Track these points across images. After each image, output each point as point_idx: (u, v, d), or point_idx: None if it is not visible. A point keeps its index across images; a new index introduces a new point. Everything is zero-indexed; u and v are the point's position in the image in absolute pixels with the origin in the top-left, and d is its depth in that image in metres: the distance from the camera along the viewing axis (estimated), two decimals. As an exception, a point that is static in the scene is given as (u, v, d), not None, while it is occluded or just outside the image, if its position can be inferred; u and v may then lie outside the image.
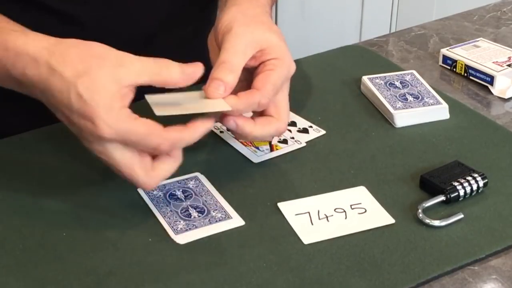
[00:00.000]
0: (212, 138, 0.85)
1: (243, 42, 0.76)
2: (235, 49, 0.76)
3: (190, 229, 0.72)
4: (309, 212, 0.75)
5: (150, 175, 0.71)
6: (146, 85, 0.70)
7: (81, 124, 0.69)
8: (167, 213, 0.74)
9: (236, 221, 0.73)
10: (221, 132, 0.86)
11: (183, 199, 0.76)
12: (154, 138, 0.69)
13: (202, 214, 0.74)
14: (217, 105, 0.72)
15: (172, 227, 0.72)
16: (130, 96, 0.70)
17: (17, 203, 0.76)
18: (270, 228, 0.73)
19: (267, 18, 0.81)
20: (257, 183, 0.79)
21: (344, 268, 0.68)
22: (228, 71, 0.74)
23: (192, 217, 0.73)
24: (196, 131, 0.71)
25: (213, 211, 0.74)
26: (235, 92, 0.74)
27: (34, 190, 0.78)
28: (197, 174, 0.79)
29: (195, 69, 0.71)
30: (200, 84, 0.74)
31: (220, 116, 0.74)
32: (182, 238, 0.71)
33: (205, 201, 0.76)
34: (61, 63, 0.70)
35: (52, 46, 0.71)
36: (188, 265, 0.69)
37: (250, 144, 0.84)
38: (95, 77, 0.68)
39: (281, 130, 0.78)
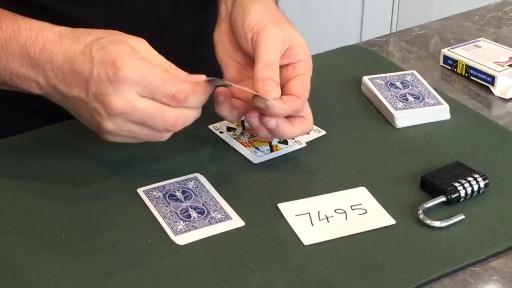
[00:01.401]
0: (212, 138, 0.85)
1: (279, 42, 0.78)
2: (275, 50, 0.77)
3: (190, 230, 0.72)
4: (309, 213, 0.74)
5: (176, 110, 0.71)
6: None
7: (101, 74, 0.70)
8: (167, 213, 0.74)
9: (236, 222, 0.73)
10: (221, 132, 0.86)
11: (183, 199, 0.76)
12: (174, 84, 0.70)
13: (202, 214, 0.74)
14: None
15: (172, 228, 0.72)
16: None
17: (17, 204, 0.76)
18: (270, 229, 0.73)
19: (286, 16, 0.83)
20: (257, 184, 0.78)
21: (344, 269, 0.68)
22: (276, 72, 0.76)
23: (192, 218, 0.73)
24: (205, 91, 0.72)
25: (213, 212, 0.74)
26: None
27: (33, 191, 0.77)
28: (197, 174, 0.79)
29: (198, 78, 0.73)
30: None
31: (259, 115, 0.76)
32: (182, 239, 0.71)
33: (205, 201, 0.75)
34: (85, 33, 0.73)
35: (77, 28, 0.74)
36: (188, 266, 0.68)
37: (250, 145, 0.84)
38: (116, 38, 0.72)
39: (310, 128, 0.80)
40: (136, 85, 0.69)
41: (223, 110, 0.78)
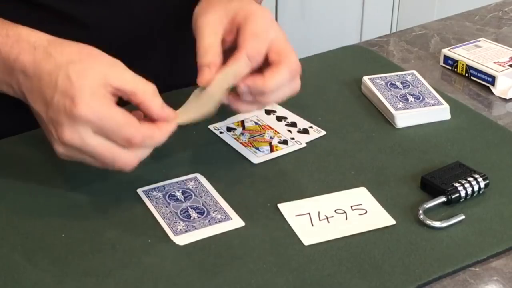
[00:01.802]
0: (212, 139, 0.84)
1: (210, 24, 0.78)
2: (203, 34, 0.77)
3: (189, 230, 0.72)
4: (309, 213, 0.74)
5: (128, 152, 0.71)
6: (127, 95, 0.71)
7: (60, 104, 0.69)
8: (167, 214, 0.74)
9: (236, 222, 0.73)
10: (221, 133, 0.86)
11: (183, 200, 0.75)
12: (130, 129, 0.70)
13: (202, 215, 0.74)
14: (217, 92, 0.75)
15: (172, 228, 0.72)
16: (113, 97, 0.71)
17: (16, 204, 0.76)
18: (270, 229, 0.72)
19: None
20: (257, 184, 0.78)
21: (344, 270, 0.68)
22: (202, 54, 0.76)
23: (192, 218, 0.73)
24: (164, 133, 0.72)
25: (213, 212, 0.74)
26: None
27: (33, 191, 0.77)
28: (197, 175, 0.79)
29: (172, 115, 0.73)
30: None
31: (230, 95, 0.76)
32: (182, 239, 0.71)
33: (205, 202, 0.75)
34: (58, 51, 0.72)
35: (53, 39, 0.74)
36: (188, 267, 0.68)
37: (250, 145, 0.84)
38: (86, 66, 0.71)
39: (295, 68, 0.77)
40: (91, 124, 0.69)
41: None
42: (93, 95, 0.69)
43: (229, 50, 0.77)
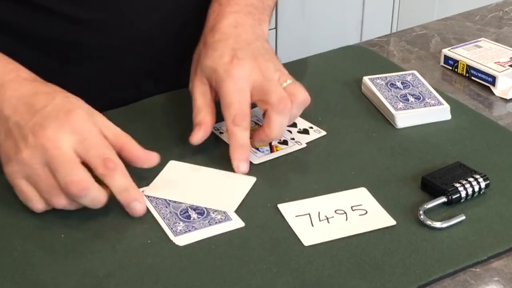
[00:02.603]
0: (211, 139, 0.84)
1: (197, 87, 0.83)
2: (194, 94, 0.83)
3: (189, 230, 0.72)
4: (309, 214, 0.74)
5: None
6: (109, 140, 0.73)
7: (53, 110, 0.72)
8: (166, 214, 0.73)
9: (236, 222, 0.73)
10: (220, 133, 0.86)
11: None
12: (110, 150, 0.72)
13: (202, 215, 0.73)
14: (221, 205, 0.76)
15: (172, 228, 0.72)
16: None
17: (15, 204, 0.75)
18: (270, 230, 0.72)
19: (218, 37, 0.84)
20: (257, 184, 0.78)
21: (344, 270, 0.68)
22: (195, 113, 0.82)
23: (192, 218, 0.73)
24: (101, 197, 0.73)
25: (213, 213, 0.74)
26: None
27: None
28: (197, 175, 0.79)
29: (153, 157, 0.75)
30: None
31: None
32: (182, 240, 0.71)
33: None
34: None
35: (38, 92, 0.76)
36: (188, 267, 0.68)
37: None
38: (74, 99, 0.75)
39: (284, 103, 0.80)
40: (77, 135, 0.71)
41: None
42: (89, 111, 0.74)
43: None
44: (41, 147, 0.71)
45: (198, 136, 0.80)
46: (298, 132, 0.87)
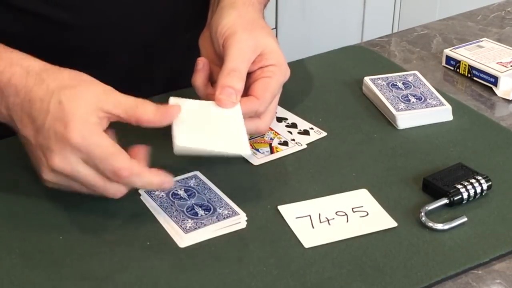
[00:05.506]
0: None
1: (248, 48, 0.78)
2: (242, 57, 0.78)
3: (199, 227, 0.71)
4: (310, 215, 0.74)
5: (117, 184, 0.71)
6: (121, 118, 0.71)
7: (51, 130, 0.69)
8: (173, 212, 0.73)
9: (243, 216, 0.73)
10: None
11: (187, 198, 0.75)
12: (119, 160, 0.69)
13: (209, 212, 0.73)
14: (236, 148, 0.74)
15: (181, 226, 0.72)
16: (105, 122, 0.71)
17: (14, 206, 0.75)
18: (271, 232, 0.72)
19: (264, 23, 0.83)
20: (257, 186, 0.78)
21: (345, 272, 0.67)
22: (238, 79, 0.77)
23: (199, 215, 0.73)
24: (154, 176, 0.71)
25: (219, 208, 0.74)
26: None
27: (31, 192, 0.77)
28: (197, 172, 0.79)
29: (171, 110, 0.73)
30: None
31: None
32: (192, 237, 0.70)
33: (210, 198, 0.75)
34: (51, 77, 0.72)
35: (46, 65, 0.74)
36: (187, 269, 0.68)
37: (250, 146, 0.83)
38: (78, 92, 0.71)
39: (261, 131, 0.80)
40: (80, 152, 0.69)
41: (197, 80, 0.80)
42: (84, 122, 0.69)
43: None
44: (60, 171, 0.70)
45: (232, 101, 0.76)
46: (299, 133, 0.86)
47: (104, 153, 0.69)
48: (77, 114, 0.69)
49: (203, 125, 0.74)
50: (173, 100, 0.76)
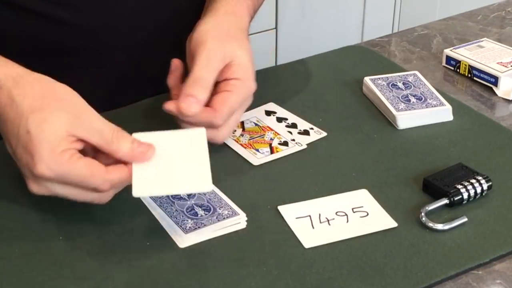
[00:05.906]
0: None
1: (216, 58, 0.79)
2: (210, 66, 0.78)
3: (199, 227, 0.71)
4: (310, 216, 0.74)
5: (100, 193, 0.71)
6: (93, 146, 0.70)
7: (23, 158, 0.69)
8: (173, 212, 0.73)
9: (243, 216, 0.73)
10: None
11: (187, 198, 0.75)
12: (95, 179, 0.69)
13: (209, 212, 0.73)
14: (197, 186, 0.71)
15: (181, 226, 0.71)
16: (78, 144, 0.69)
17: (13, 206, 0.75)
18: (271, 232, 0.72)
19: (241, 33, 0.83)
20: (257, 186, 0.78)
21: (345, 273, 0.67)
22: (202, 89, 0.77)
23: (199, 215, 0.73)
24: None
25: (219, 209, 0.74)
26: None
27: (30, 193, 0.76)
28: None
29: (146, 150, 0.70)
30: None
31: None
32: (192, 237, 0.70)
33: (209, 199, 0.75)
34: (21, 95, 0.70)
35: (19, 77, 0.71)
36: (187, 269, 0.68)
37: (250, 146, 0.83)
38: (47, 117, 0.68)
39: (216, 141, 0.80)
40: (52, 180, 0.69)
41: (170, 81, 0.81)
42: (51, 154, 0.67)
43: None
44: (40, 194, 0.70)
45: (193, 109, 0.77)
46: (299, 133, 0.86)
47: (77, 178, 0.68)
48: (43, 145, 0.67)
49: (164, 165, 0.71)
50: (137, 135, 0.72)
